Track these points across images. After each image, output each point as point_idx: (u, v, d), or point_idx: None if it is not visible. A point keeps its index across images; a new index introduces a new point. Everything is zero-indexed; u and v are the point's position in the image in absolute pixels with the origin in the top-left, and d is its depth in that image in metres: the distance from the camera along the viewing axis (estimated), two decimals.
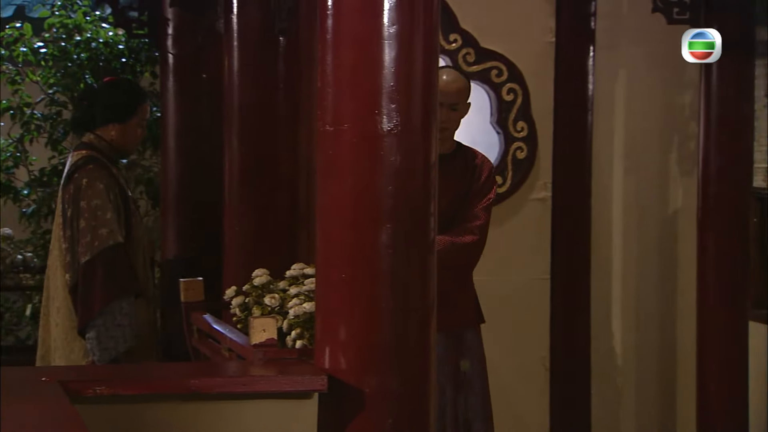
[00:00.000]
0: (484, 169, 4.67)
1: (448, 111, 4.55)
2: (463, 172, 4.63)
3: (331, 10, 3.16)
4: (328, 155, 3.22)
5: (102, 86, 5.07)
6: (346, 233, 3.20)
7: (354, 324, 3.20)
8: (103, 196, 4.61)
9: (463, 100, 4.62)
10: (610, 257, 5.70)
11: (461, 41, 5.40)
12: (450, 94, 4.54)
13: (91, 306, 4.53)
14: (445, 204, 4.45)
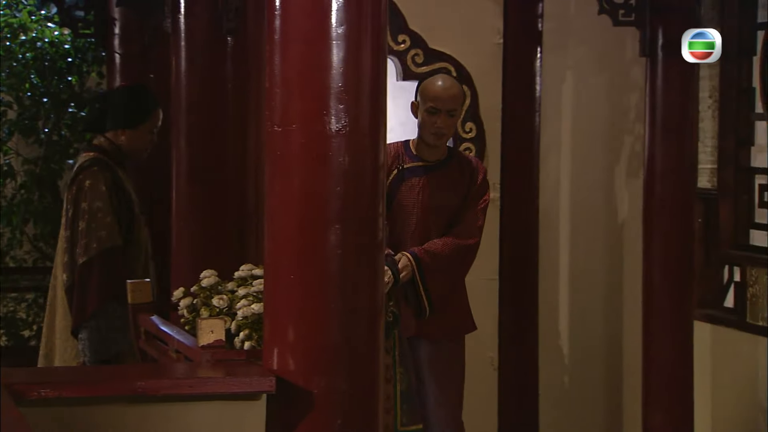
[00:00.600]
0: (480, 172, 4.71)
1: (446, 117, 4.58)
2: (459, 177, 4.67)
3: (278, 10, 3.15)
4: (276, 156, 3.21)
5: (116, 91, 5.07)
6: (294, 234, 3.20)
7: (303, 325, 3.19)
8: (105, 199, 4.62)
9: (460, 105, 4.70)
10: (557, 257, 5.74)
11: (410, 42, 5.41)
12: (448, 101, 4.57)
13: (84, 307, 4.55)
14: (444, 208, 4.63)
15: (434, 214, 4.65)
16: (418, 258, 4.54)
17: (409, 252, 4.56)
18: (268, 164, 3.25)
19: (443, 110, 4.57)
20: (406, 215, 4.65)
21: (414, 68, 5.42)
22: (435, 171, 4.68)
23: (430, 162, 4.69)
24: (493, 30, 5.55)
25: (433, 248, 4.57)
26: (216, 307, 3.88)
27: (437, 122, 4.57)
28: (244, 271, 4.07)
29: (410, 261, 4.53)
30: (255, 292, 3.85)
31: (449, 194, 4.66)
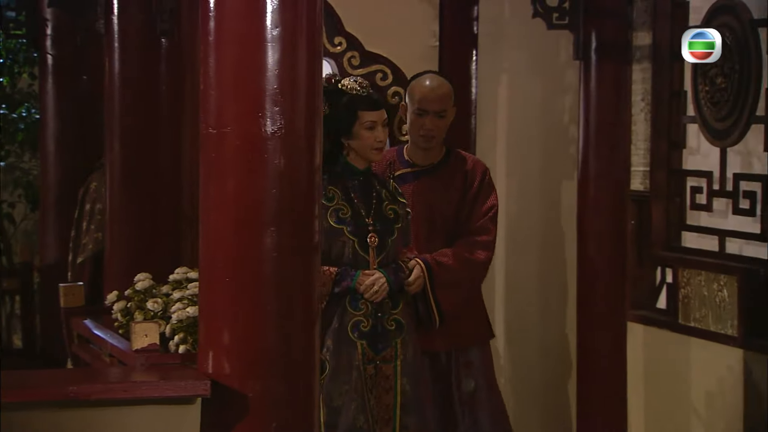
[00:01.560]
0: (476, 173, 4.51)
1: (435, 119, 4.43)
2: (452, 180, 4.50)
3: (212, 12, 3.13)
4: (211, 158, 3.19)
5: None
6: (230, 237, 3.18)
7: (238, 328, 3.18)
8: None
9: (449, 106, 4.50)
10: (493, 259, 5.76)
11: (346, 44, 5.41)
12: (436, 101, 4.44)
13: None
14: (438, 215, 4.47)
15: (428, 222, 4.50)
16: (431, 268, 4.36)
17: (421, 259, 4.37)
18: (203, 166, 3.23)
19: (431, 111, 4.43)
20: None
21: (350, 70, 5.42)
22: (427, 176, 4.53)
23: (423, 166, 4.53)
24: (429, 33, 5.57)
25: (444, 260, 4.39)
26: (150, 310, 3.86)
27: (426, 124, 4.43)
28: (179, 274, 4.05)
29: (423, 271, 4.34)
30: (190, 295, 3.84)
31: (441, 200, 4.49)
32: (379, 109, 4.19)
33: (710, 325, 4.75)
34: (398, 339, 4.19)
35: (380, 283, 4.15)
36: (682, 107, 5.11)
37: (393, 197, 4.29)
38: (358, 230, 4.18)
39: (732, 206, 4.80)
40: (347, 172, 4.22)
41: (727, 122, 4.78)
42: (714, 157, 4.91)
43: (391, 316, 4.20)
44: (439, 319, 4.36)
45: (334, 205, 4.18)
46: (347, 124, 4.16)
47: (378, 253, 4.20)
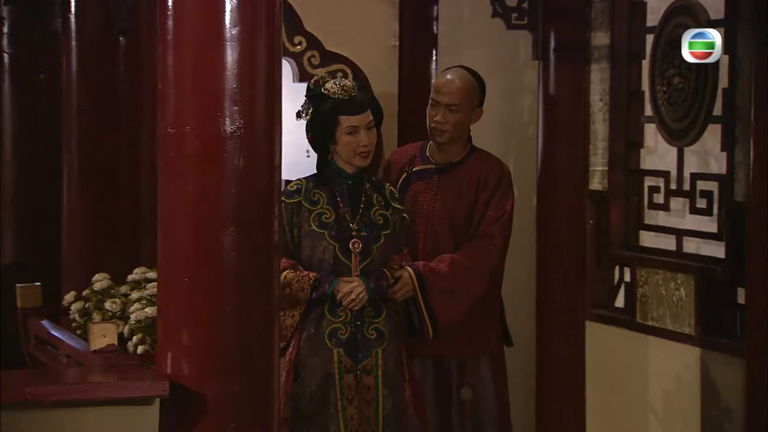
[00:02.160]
0: (492, 176, 4.28)
1: (446, 112, 4.23)
2: (467, 182, 4.29)
3: (171, 11, 3.12)
4: (170, 158, 3.18)
5: None
6: (189, 236, 3.17)
7: (197, 328, 3.17)
8: None
9: (465, 102, 4.27)
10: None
11: (306, 44, 5.41)
12: (448, 93, 4.24)
13: None
14: (450, 218, 4.26)
15: (439, 223, 4.31)
16: (421, 276, 4.14)
17: (412, 267, 4.17)
18: (162, 166, 3.22)
19: (442, 103, 4.23)
20: (418, 223, 4.31)
21: (310, 70, 5.41)
22: (443, 174, 4.33)
23: (440, 164, 4.34)
24: (389, 33, 5.57)
25: (438, 268, 4.17)
26: (108, 311, 3.84)
27: (436, 116, 4.26)
28: (138, 274, 4.03)
29: (412, 278, 4.14)
30: (148, 295, 3.82)
31: (454, 202, 4.29)
32: (362, 113, 4.07)
33: (668, 324, 4.79)
34: (379, 349, 4.06)
35: (358, 291, 4.03)
36: (640, 107, 5.14)
37: (386, 203, 4.16)
38: (340, 235, 4.07)
39: (689, 206, 4.84)
40: (336, 177, 4.12)
41: (684, 122, 4.81)
42: (671, 157, 4.95)
43: (371, 324, 4.08)
44: (433, 330, 4.16)
45: (317, 209, 4.09)
46: (329, 130, 4.07)
47: (362, 260, 4.08)
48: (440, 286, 4.15)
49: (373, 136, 4.10)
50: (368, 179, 4.21)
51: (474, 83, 4.32)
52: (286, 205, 4.07)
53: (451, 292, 4.16)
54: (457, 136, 4.31)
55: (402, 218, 4.20)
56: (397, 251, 4.22)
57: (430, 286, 4.13)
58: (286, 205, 4.07)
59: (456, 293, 4.18)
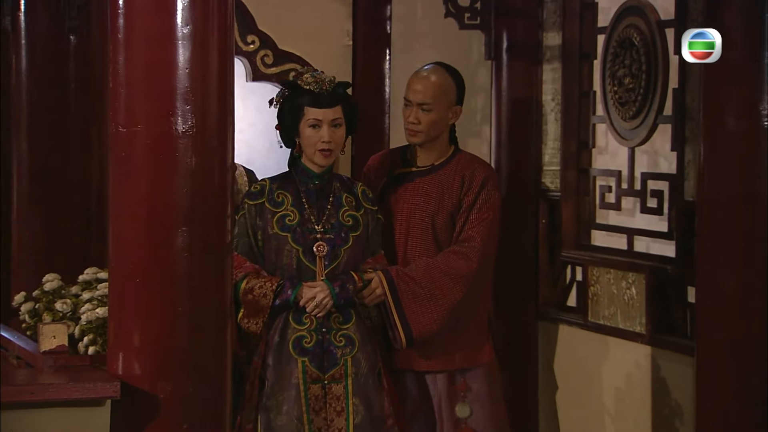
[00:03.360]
0: (476, 178, 4.12)
1: (419, 111, 4.09)
2: (449, 185, 4.13)
3: (122, 9, 3.10)
4: (121, 157, 3.17)
5: None
6: (141, 236, 3.16)
7: (149, 329, 3.15)
8: None
9: (439, 100, 4.12)
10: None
11: (259, 43, 5.38)
12: (419, 92, 4.10)
13: None
14: (433, 223, 4.08)
15: (420, 228, 4.13)
16: (392, 280, 3.97)
17: (383, 270, 4.00)
18: (113, 166, 3.20)
19: (414, 102, 4.09)
20: (394, 225, 4.14)
21: (264, 69, 5.39)
22: (425, 177, 4.17)
23: (421, 167, 4.19)
24: (342, 32, 5.57)
25: (412, 272, 4.00)
26: (59, 311, 3.81)
27: (409, 116, 4.12)
28: (89, 274, 4.00)
29: (382, 282, 3.97)
30: (100, 295, 3.79)
31: (436, 206, 4.12)
32: (329, 107, 3.95)
33: (619, 323, 4.82)
34: (348, 357, 3.92)
35: (321, 296, 3.90)
36: (592, 107, 5.17)
37: (357, 203, 4.03)
38: (304, 238, 3.94)
39: (640, 205, 4.88)
40: (302, 176, 4.00)
41: (635, 122, 4.85)
42: (622, 157, 4.98)
43: (339, 331, 3.95)
44: (406, 339, 3.96)
45: (281, 211, 3.97)
46: (294, 120, 3.97)
47: (328, 264, 3.95)
48: (413, 291, 3.98)
49: (337, 135, 3.97)
50: (338, 178, 4.11)
51: (448, 80, 4.19)
52: (249, 206, 3.97)
53: (425, 297, 3.98)
54: (434, 137, 4.17)
55: (376, 219, 4.07)
56: (371, 254, 4.08)
57: (403, 290, 3.97)
58: (249, 206, 3.97)
59: (431, 299, 4.00)
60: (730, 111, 3.78)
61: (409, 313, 3.97)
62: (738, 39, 3.76)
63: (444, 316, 4.01)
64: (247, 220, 3.97)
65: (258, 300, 3.90)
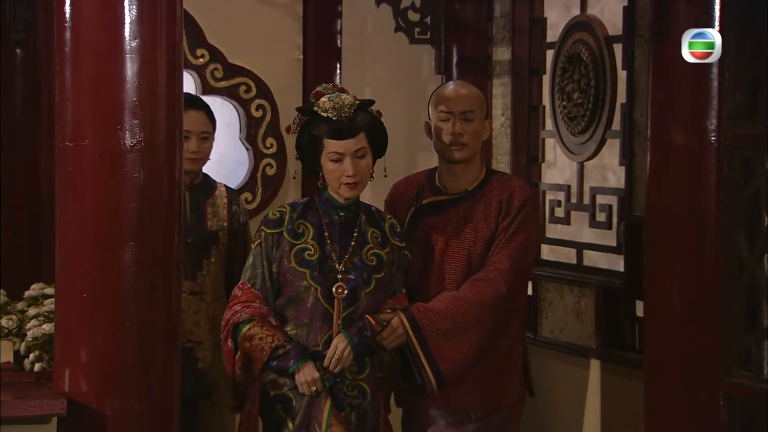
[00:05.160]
0: (514, 201, 3.77)
1: (463, 122, 3.75)
2: (486, 211, 3.77)
3: (69, 23, 3.08)
4: (68, 172, 3.14)
5: None
6: (87, 252, 3.13)
7: (96, 345, 3.13)
8: None
9: (480, 109, 3.82)
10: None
11: (209, 56, 5.37)
12: (460, 101, 3.77)
13: None
14: (469, 254, 3.75)
15: (456, 263, 3.77)
16: (414, 318, 3.62)
17: (402, 310, 3.67)
18: (60, 180, 3.18)
19: (456, 112, 3.75)
20: (426, 264, 3.77)
21: (213, 83, 5.38)
22: (458, 205, 3.80)
23: (454, 194, 3.82)
24: (293, 46, 5.56)
25: (435, 307, 3.65)
26: (4, 327, 3.76)
27: (454, 128, 3.74)
28: (35, 290, 3.96)
29: (403, 323, 3.63)
30: (46, 311, 3.75)
31: (473, 235, 3.76)
32: (351, 138, 3.59)
33: (569, 337, 4.84)
34: (354, 410, 3.63)
35: (342, 347, 3.55)
36: (541, 122, 5.20)
37: (383, 239, 3.69)
38: (323, 277, 3.60)
39: (589, 219, 4.90)
40: (326, 206, 3.66)
41: (583, 137, 4.88)
42: (571, 171, 5.01)
43: (354, 381, 3.64)
44: (436, 380, 3.62)
45: (300, 244, 3.62)
46: (313, 153, 3.62)
47: (346, 306, 3.61)
48: (438, 327, 3.65)
49: (362, 166, 3.62)
50: (366, 210, 3.75)
51: (479, 92, 3.90)
52: (266, 235, 3.63)
53: (452, 332, 3.65)
54: (474, 152, 3.81)
55: (403, 256, 3.73)
56: (392, 294, 3.75)
57: (427, 327, 3.63)
58: (266, 235, 3.63)
59: (458, 333, 3.66)
60: (678, 126, 3.81)
61: (435, 351, 3.63)
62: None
63: (473, 348, 3.67)
64: (263, 249, 3.63)
65: (254, 351, 3.58)
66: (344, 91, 3.71)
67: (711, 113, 3.76)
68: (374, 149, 3.68)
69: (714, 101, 3.76)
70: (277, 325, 3.63)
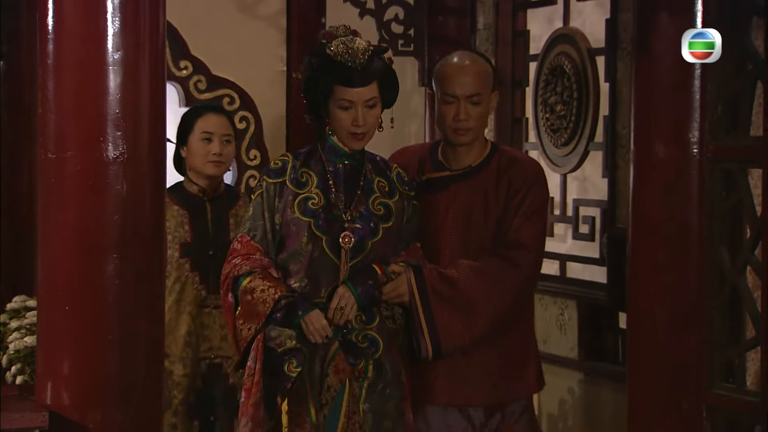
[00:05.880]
0: (525, 177, 3.50)
1: (467, 106, 3.47)
2: (493, 188, 3.51)
3: (51, 35, 3.07)
4: (50, 183, 3.13)
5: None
6: (70, 264, 3.12)
7: (78, 357, 3.11)
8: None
9: (486, 88, 3.51)
10: None
11: (192, 68, 5.36)
12: (466, 84, 3.48)
13: None
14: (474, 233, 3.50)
15: (455, 244, 3.51)
16: (423, 279, 3.39)
17: (413, 266, 3.41)
18: (43, 192, 3.16)
19: (462, 97, 3.47)
20: (429, 243, 3.51)
21: (197, 94, 5.38)
22: (461, 182, 3.54)
23: (457, 171, 3.56)
24: (276, 58, 5.57)
25: (449, 272, 3.41)
26: None
27: (459, 113, 3.48)
28: (17, 302, 3.95)
29: (409, 280, 3.39)
30: (28, 324, 3.74)
31: (477, 215, 3.51)
32: (363, 86, 3.37)
33: (552, 349, 4.85)
34: (371, 360, 3.37)
35: (345, 297, 3.35)
36: (524, 134, 5.21)
37: (391, 188, 3.48)
38: (329, 226, 3.39)
39: (572, 231, 4.92)
40: (331, 154, 3.45)
41: (566, 149, 4.90)
42: (554, 183, 5.03)
43: (362, 331, 3.40)
44: (433, 347, 3.37)
45: (304, 193, 3.43)
46: (321, 99, 3.41)
47: (353, 256, 3.40)
48: (445, 293, 3.40)
49: (372, 116, 3.42)
50: (371, 159, 3.55)
51: (485, 64, 3.59)
52: (267, 185, 3.44)
53: (459, 303, 3.39)
54: (480, 132, 3.57)
55: (413, 206, 3.51)
56: (405, 245, 3.51)
57: (433, 291, 3.38)
58: (267, 185, 3.44)
59: (467, 306, 3.39)
60: (660, 138, 3.83)
61: (438, 318, 3.38)
62: (667, 66, 3.81)
63: (480, 327, 3.40)
64: (265, 200, 3.44)
65: (256, 304, 3.36)
66: (357, 34, 3.45)
67: (693, 126, 3.78)
68: (384, 99, 3.46)
69: (696, 114, 3.77)
70: (279, 277, 3.43)
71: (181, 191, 4.10)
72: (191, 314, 4.00)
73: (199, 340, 4.02)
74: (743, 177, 3.79)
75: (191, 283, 4.01)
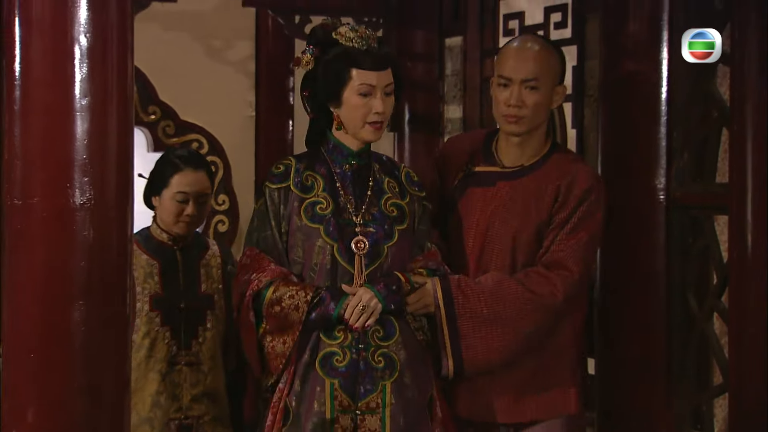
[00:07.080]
0: (575, 187, 3.24)
1: (523, 91, 3.21)
2: (541, 193, 3.26)
3: (18, 81, 3.06)
4: (16, 230, 3.11)
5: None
6: (36, 310, 3.10)
7: (43, 405, 3.09)
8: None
9: (547, 75, 3.24)
10: None
11: (160, 113, 5.36)
12: (520, 67, 3.21)
13: None
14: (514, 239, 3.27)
15: (495, 246, 3.28)
16: (449, 291, 3.13)
17: (441, 277, 3.16)
18: (8, 239, 3.15)
19: (516, 80, 3.21)
20: (465, 237, 3.30)
21: (165, 140, 5.37)
22: (510, 182, 3.30)
23: (509, 168, 3.33)
24: (245, 103, 5.58)
25: (479, 285, 3.15)
26: None
27: (511, 98, 3.23)
28: None
29: (435, 291, 3.14)
30: None
31: (521, 219, 3.26)
32: (382, 70, 3.14)
33: None
34: (388, 381, 3.12)
35: (367, 297, 3.08)
36: None
37: (401, 189, 3.27)
38: (340, 232, 3.17)
39: None
40: (335, 154, 3.24)
41: None
42: None
43: (379, 349, 3.14)
44: (455, 364, 3.12)
45: (310, 197, 3.21)
46: (335, 86, 3.16)
47: (368, 263, 3.16)
48: (474, 309, 3.15)
49: (389, 105, 3.18)
50: (377, 158, 3.33)
51: (552, 52, 3.31)
52: (270, 191, 3.24)
53: (487, 320, 3.15)
54: (537, 125, 3.29)
55: (423, 207, 3.29)
56: (419, 249, 3.29)
57: (462, 306, 3.13)
58: (270, 191, 3.24)
59: (494, 323, 3.16)
60: (627, 184, 3.85)
61: (464, 335, 3.14)
62: (635, 114, 3.84)
63: (506, 346, 3.16)
64: (269, 208, 3.23)
65: (288, 314, 3.11)
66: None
67: (659, 173, 3.80)
68: (396, 92, 3.25)
69: (662, 161, 3.80)
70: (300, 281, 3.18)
71: (150, 239, 3.95)
72: (161, 372, 3.85)
73: (168, 399, 3.86)
74: (709, 223, 3.82)
75: (162, 338, 3.87)
